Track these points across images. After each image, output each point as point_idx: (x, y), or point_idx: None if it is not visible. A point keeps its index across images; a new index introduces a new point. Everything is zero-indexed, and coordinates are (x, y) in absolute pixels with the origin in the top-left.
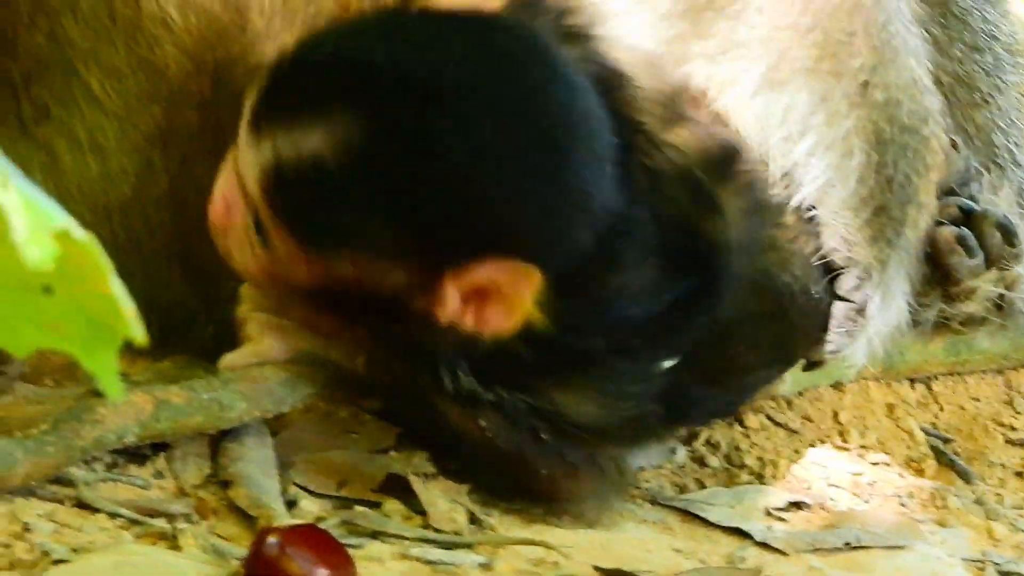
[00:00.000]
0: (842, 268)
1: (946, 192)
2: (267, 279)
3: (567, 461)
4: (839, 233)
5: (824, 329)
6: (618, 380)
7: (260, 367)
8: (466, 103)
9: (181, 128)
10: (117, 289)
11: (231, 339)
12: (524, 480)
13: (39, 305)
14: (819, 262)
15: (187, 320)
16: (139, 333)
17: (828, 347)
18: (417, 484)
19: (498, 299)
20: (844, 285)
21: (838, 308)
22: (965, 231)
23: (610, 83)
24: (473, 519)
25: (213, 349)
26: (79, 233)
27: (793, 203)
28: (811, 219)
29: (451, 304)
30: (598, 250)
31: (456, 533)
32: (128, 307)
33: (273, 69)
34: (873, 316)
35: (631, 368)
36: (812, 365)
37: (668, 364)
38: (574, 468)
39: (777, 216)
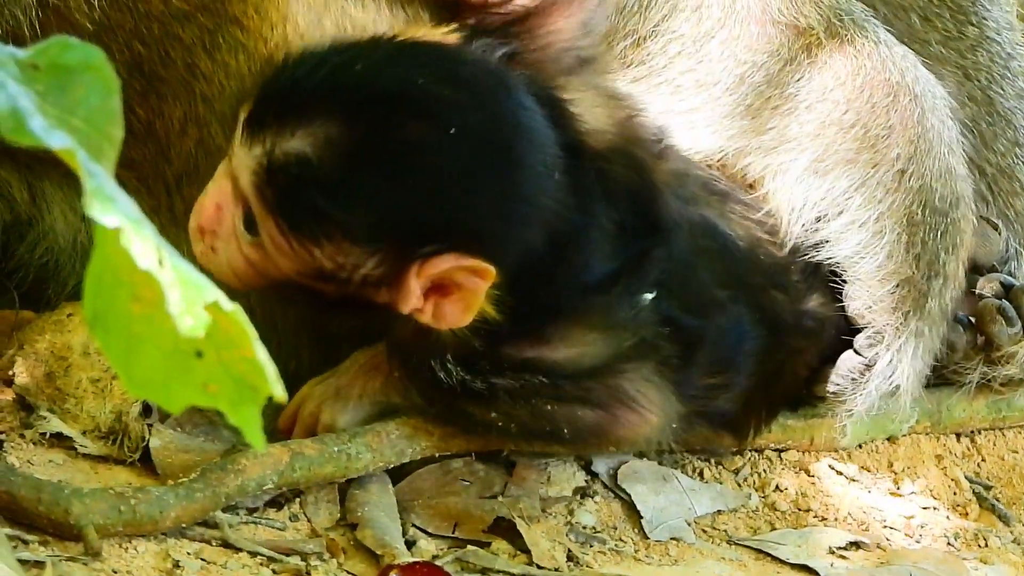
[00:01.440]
0: (860, 327)
1: (988, 269)
2: (246, 277)
3: (594, 406)
4: (862, 298)
5: (820, 358)
6: (604, 311)
7: (385, 422)
8: (435, 115)
9: None
10: (260, 353)
11: None
12: (561, 442)
13: (191, 367)
14: (840, 315)
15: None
16: (279, 392)
17: (831, 387)
18: (522, 526)
19: (455, 294)
20: (858, 341)
21: (849, 358)
22: (1005, 303)
23: (553, 101)
24: (571, 556)
25: None
26: (227, 304)
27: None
28: (836, 281)
29: (413, 297)
30: (553, 247)
31: (556, 569)
32: (270, 369)
33: (265, 83)
34: (879, 374)
35: (610, 300)
36: (816, 399)
37: (648, 296)
38: (606, 409)
39: (703, 178)
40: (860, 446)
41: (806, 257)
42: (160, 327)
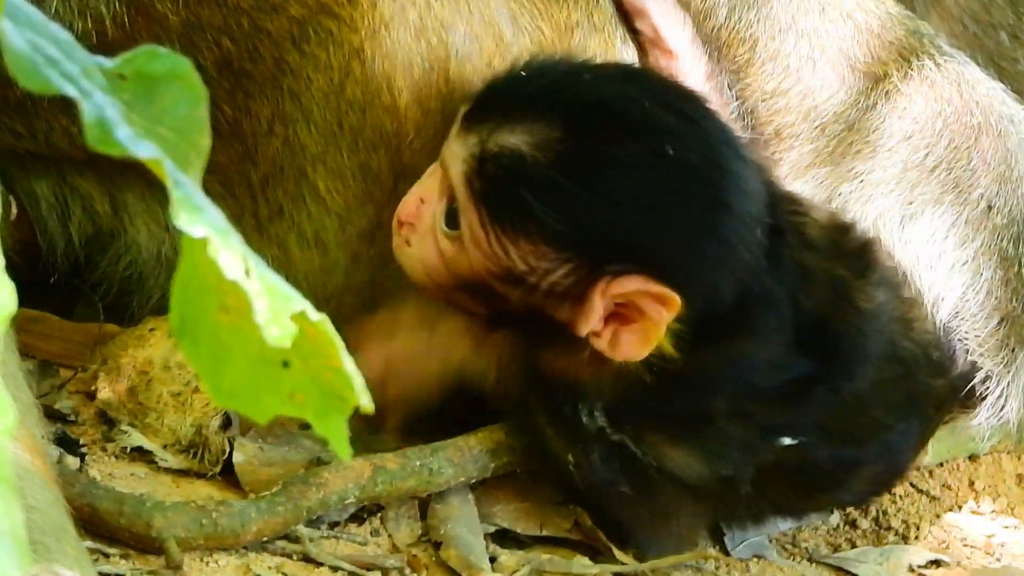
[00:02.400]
0: (970, 367)
1: None
2: (435, 274)
3: (641, 510)
4: (971, 340)
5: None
6: (728, 445)
7: (467, 437)
8: (653, 137)
9: (387, 226)
10: (347, 363)
11: None
12: (598, 513)
13: (278, 377)
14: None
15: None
16: (367, 402)
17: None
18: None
19: (637, 323)
20: (970, 379)
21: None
22: None
23: (770, 182)
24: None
25: None
26: (314, 314)
27: (932, 317)
28: (947, 329)
29: (594, 317)
30: (738, 309)
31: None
32: (357, 379)
33: (488, 83)
34: (989, 407)
35: (743, 436)
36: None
37: (787, 442)
38: (647, 517)
39: (902, 294)
40: (941, 464)
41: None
42: (247, 337)
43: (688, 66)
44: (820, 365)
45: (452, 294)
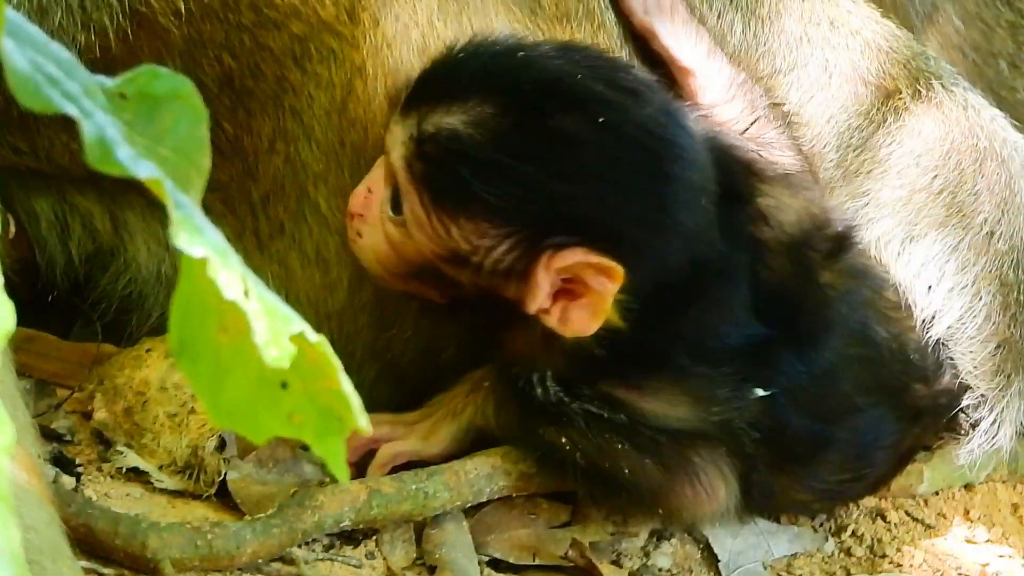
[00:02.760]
0: (958, 387)
1: None
2: (387, 263)
3: (660, 464)
4: (966, 362)
5: (937, 410)
6: (707, 384)
7: (463, 461)
8: (588, 109)
9: None
10: (346, 384)
11: None
12: (620, 492)
13: (277, 398)
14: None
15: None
16: (364, 423)
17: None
18: (596, 560)
19: (584, 298)
20: (964, 404)
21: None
22: None
23: (729, 150)
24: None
25: None
26: (313, 336)
27: (930, 340)
28: (943, 352)
29: (540, 293)
30: (690, 276)
31: None
32: (355, 401)
33: (425, 68)
34: (982, 434)
35: (716, 375)
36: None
37: (760, 392)
38: (668, 472)
39: (877, 285)
40: (936, 493)
41: (930, 334)
42: (246, 357)
43: (705, 80)
44: (780, 332)
45: (407, 283)
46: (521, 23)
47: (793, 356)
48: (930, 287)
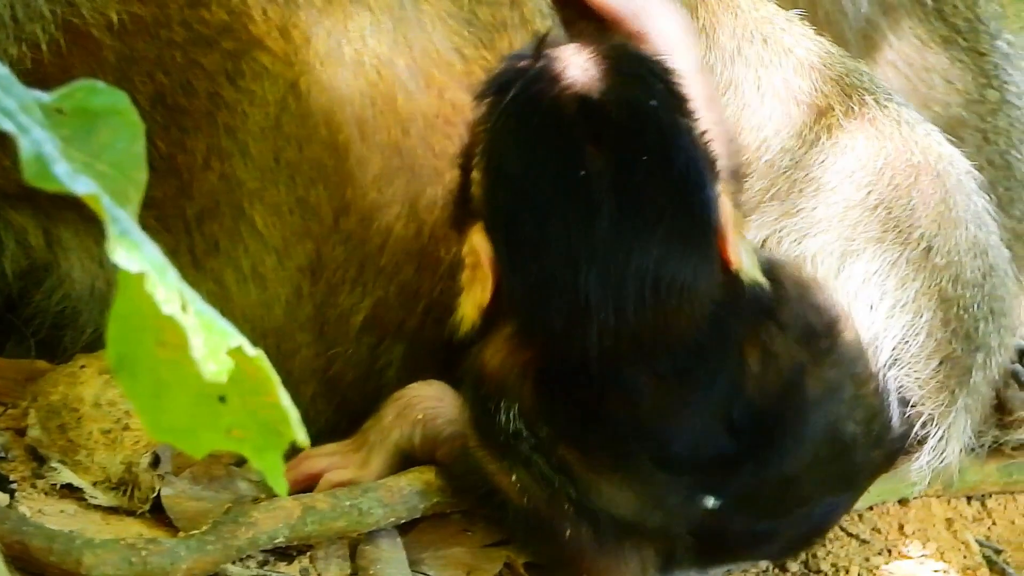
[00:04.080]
0: (911, 407)
1: None
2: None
3: (594, 535)
4: (911, 382)
5: (894, 453)
6: (657, 487)
7: (397, 477)
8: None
9: (329, 261)
10: (284, 398)
11: None
12: (550, 544)
13: (215, 412)
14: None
15: (323, 432)
16: (302, 437)
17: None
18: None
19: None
20: (910, 421)
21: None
22: (1018, 367)
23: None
24: None
25: None
26: (251, 350)
27: (874, 361)
28: (887, 373)
29: (464, 246)
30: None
31: None
32: (294, 414)
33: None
34: (930, 451)
35: (671, 481)
36: None
37: (710, 503)
38: (600, 544)
39: (857, 371)
40: (871, 508)
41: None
42: (184, 372)
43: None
44: (750, 448)
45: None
46: (458, 35)
47: (755, 467)
48: (871, 306)
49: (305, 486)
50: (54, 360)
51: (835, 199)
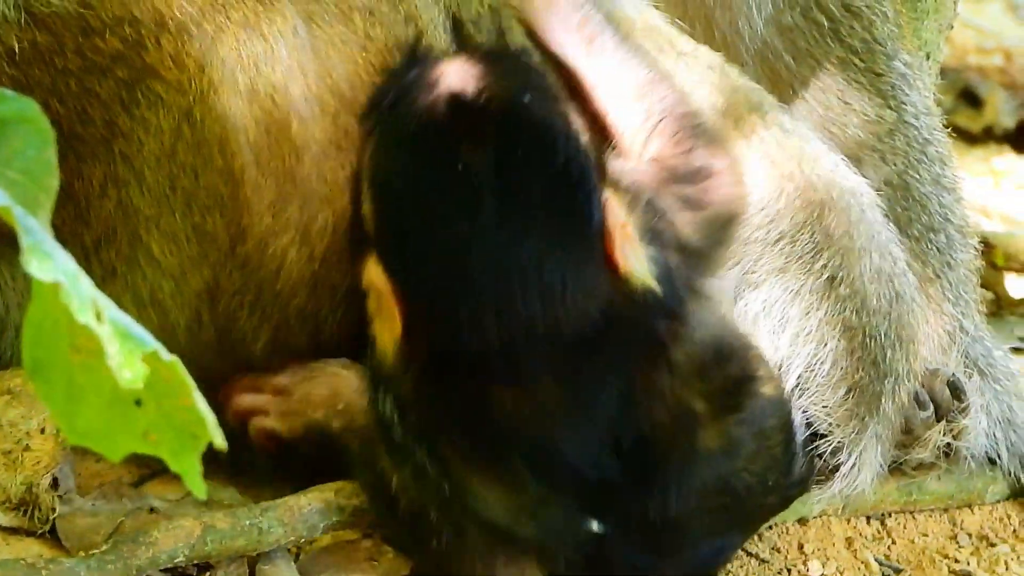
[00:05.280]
0: (821, 436)
1: None
2: None
3: (463, 537)
4: (819, 411)
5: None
6: (531, 497)
7: (297, 496)
8: (513, 196)
9: (227, 286)
10: (200, 402)
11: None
12: (422, 545)
13: (131, 416)
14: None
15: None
16: (219, 439)
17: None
18: None
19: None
20: (820, 450)
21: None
22: (920, 389)
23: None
24: None
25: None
26: (166, 355)
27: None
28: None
29: (363, 277)
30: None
31: None
32: (210, 417)
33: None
34: (842, 478)
35: (546, 494)
36: None
37: (595, 527)
38: (468, 548)
39: (764, 428)
40: (771, 527)
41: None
42: (100, 377)
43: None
44: (635, 478)
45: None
46: (351, 60)
47: (638, 499)
48: (774, 332)
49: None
50: None
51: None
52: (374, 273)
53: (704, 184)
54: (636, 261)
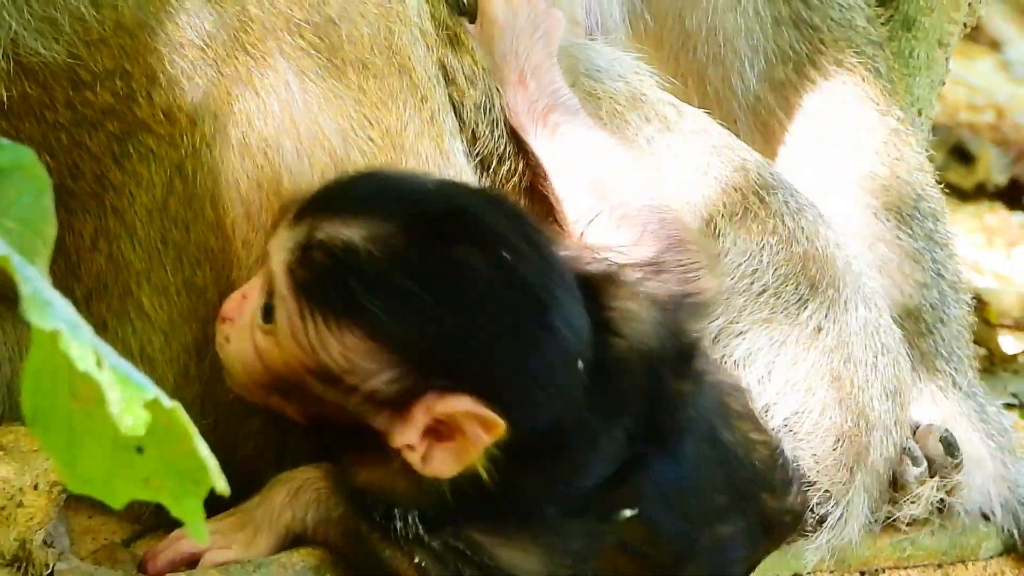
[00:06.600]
0: (810, 484)
1: None
2: (252, 372)
3: None
4: (807, 457)
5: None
6: (565, 538)
7: (289, 553)
8: (490, 248)
9: (212, 342)
10: (201, 447)
11: None
12: None
13: (133, 463)
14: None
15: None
16: (222, 484)
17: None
18: None
19: (453, 442)
20: (810, 499)
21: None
22: (912, 444)
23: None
24: None
25: None
26: (167, 402)
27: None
28: (783, 443)
29: (413, 431)
30: (553, 435)
31: None
32: (212, 462)
33: (326, 182)
34: (832, 527)
35: (580, 528)
36: None
37: (628, 513)
38: None
39: (723, 394)
40: None
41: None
42: (100, 423)
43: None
44: (644, 442)
45: (269, 396)
46: (344, 115)
47: (657, 459)
48: (760, 381)
49: (182, 566)
50: None
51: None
52: (449, 406)
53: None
54: None
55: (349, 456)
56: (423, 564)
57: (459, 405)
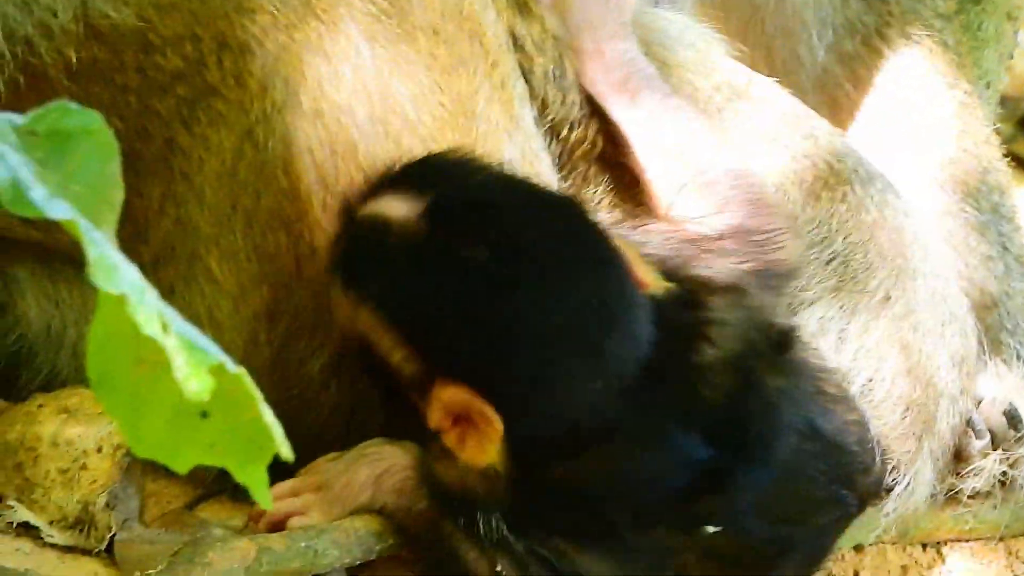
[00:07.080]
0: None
1: None
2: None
3: None
4: (878, 427)
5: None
6: (638, 553)
7: (352, 519)
8: (533, 264)
9: (287, 307)
10: (266, 413)
11: None
12: None
13: (197, 428)
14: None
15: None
16: (286, 451)
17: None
18: None
19: (479, 430)
20: (887, 469)
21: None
22: (975, 416)
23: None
24: None
25: None
26: (232, 367)
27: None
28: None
29: (436, 414)
30: (598, 435)
31: None
32: (277, 429)
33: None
34: (898, 496)
35: (651, 544)
36: None
37: (710, 530)
38: None
39: (819, 380)
40: None
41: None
42: (165, 388)
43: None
44: (732, 452)
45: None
46: (416, 82)
47: (747, 469)
48: (834, 349)
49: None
50: (10, 399)
51: None
52: (453, 395)
53: (728, 243)
54: (650, 274)
55: (429, 445)
56: (503, 573)
57: (456, 395)
